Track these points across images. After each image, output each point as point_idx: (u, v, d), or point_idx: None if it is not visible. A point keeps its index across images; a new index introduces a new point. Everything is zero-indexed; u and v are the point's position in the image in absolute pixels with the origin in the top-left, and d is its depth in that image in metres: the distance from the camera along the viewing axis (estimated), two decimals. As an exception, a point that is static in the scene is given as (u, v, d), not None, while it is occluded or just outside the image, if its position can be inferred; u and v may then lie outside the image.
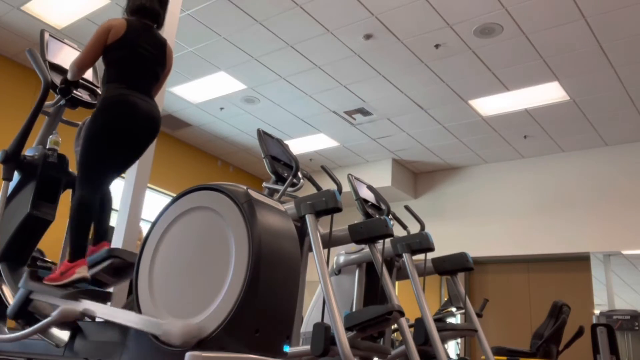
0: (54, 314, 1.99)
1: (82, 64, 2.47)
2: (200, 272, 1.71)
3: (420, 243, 3.31)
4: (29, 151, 2.69)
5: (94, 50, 2.42)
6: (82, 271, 2.17)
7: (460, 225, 7.97)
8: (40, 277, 2.21)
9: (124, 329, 1.86)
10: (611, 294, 6.88)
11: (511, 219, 7.58)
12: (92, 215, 2.32)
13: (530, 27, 5.06)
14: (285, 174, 3.07)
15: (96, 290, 2.17)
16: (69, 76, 2.56)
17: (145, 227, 3.89)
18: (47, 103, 2.74)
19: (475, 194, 8.08)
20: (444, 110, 6.74)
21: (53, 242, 2.94)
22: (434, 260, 3.70)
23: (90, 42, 2.41)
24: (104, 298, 2.11)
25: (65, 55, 2.89)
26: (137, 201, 3.18)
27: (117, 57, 2.42)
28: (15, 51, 6.25)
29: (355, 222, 2.96)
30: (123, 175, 2.92)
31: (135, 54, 2.44)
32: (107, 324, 1.92)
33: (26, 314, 2.25)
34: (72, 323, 2.04)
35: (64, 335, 2.12)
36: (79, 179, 2.35)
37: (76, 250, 2.22)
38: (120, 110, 2.35)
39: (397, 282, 3.78)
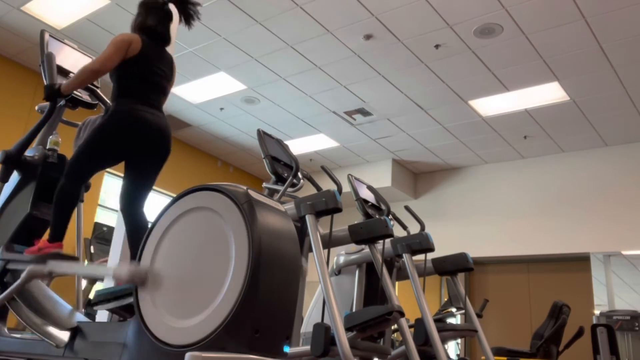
0: (23, 274, 2.16)
1: (100, 70, 2.40)
2: (201, 272, 1.71)
3: (420, 243, 3.31)
4: (29, 151, 2.69)
5: (114, 58, 2.39)
6: (57, 251, 2.36)
7: (460, 225, 7.97)
8: (18, 251, 2.43)
9: (124, 329, 1.86)
10: (611, 294, 6.87)
11: (511, 219, 7.58)
12: (74, 204, 2.43)
13: (530, 27, 5.06)
14: (285, 174, 3.07)
15: (65, 254, 2.36)
16: (79, 80, 2.47)
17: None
18: (47, 103, 2.73)
19: (475, 194, 8.07)
20: (444, 111, 6.74)
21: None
22: (434, 260, 3.70)
23: (110, 51, 2.38)
24: (73, 259, 2.36)
25: (66, 56, 2.88)
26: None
27: (132, 72, 2.45)
28: (15, 51, 6.25)
29: (355, 222, 2.96)
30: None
31: (149, 70, 2.49)
32: (107, 324, 1.92)
33: (3, 284, 2.42)
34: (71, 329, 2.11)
35: (64, 335, 2.13)
36: (69, 170, 2.40)
37: (56, 233, 2.35)
38: (131, 124, 2.38)
39: (397, 283, 3.78)
